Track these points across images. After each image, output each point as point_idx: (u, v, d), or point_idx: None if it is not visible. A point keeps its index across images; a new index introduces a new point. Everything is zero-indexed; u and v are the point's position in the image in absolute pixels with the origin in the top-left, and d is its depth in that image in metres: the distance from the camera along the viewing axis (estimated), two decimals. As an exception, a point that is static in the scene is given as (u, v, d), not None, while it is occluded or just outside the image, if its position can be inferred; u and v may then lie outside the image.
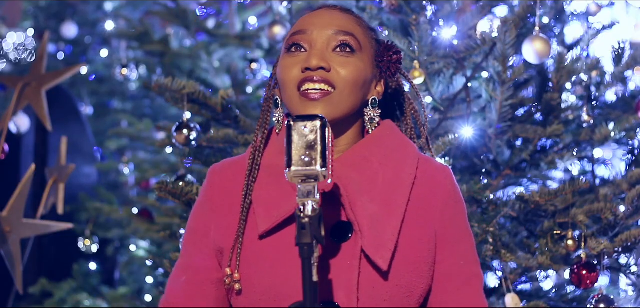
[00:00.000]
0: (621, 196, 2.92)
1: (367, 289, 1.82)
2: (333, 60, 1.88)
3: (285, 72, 1.89)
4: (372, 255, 1.82)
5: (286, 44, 1.92)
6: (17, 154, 4.81)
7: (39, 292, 4.44)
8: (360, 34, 1.92)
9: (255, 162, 1.92)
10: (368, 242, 1.82)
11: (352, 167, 1.89)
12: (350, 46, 1.89)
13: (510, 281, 2.77)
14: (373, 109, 1.93)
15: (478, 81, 2.97)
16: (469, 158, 2.99)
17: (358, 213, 1.84)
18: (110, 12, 5.75)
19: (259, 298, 1.85)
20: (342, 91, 1.86)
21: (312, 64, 1.85)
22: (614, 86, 3.19)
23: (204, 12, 4.90)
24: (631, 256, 2.83)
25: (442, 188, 1.92)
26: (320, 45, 1.88)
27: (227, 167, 1.98)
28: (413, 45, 2.85)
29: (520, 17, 2.86)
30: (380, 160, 1.90)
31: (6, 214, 2.89)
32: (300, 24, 1.93)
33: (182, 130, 2.84)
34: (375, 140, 1.92)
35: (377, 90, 1.96)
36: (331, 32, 1.89)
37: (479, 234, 2.72)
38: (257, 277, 1.85)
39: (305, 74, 1.86)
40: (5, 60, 5.61)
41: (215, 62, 4.61)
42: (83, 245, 4.18)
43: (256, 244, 1.87)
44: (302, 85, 1.86)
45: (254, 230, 1.88)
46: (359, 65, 1.89)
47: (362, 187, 1.87)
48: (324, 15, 1.93)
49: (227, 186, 1.94)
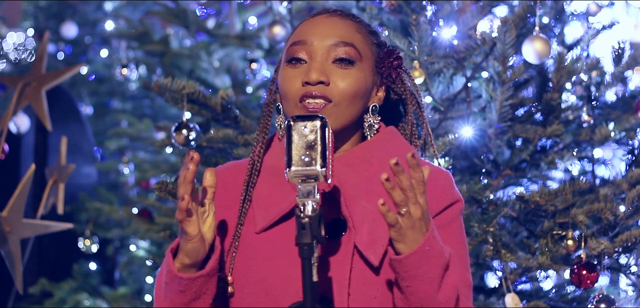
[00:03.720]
0: (621, 196, 2.92)
1: (358, 285, 1.83)
2: (332, 72, 1.88)
3: (286, 84, 1.90)
4: (364, 251, 1.83)
5: (286, 54, 1.93)
6: (17, 154, 4.80)
7: (39, 292, 4.44)
8: (361, 42, 1.92)
9: (254, 165, 1.93)
10: (361, 238, 1.84)
11: (350, 166, 1.90)
12: (350, 57, 1.89)
13: (510, 281, 2.77)
14: (373, 115, 1.94)
15: (478, 81, 2.97)
16: (469, 158, 2.99)
17: (353, 210, 1.85)
18: (110, 12, 5.75)
19: (253, 290, 1.86)
20: (339, 104, 1.87)
21: (311, 78, 1.86)
22: (614, 86, 3.19)
23: (204, 12, 4.89)
24: (631, 256, 2.83)
25: (440, 192, 1.92)
26: (320, 57, 1.89)
27: (231, 167, 2.00)
28: (413, 45, 2.85)
29: (520, 17, 2.86)
30: (379, 162, 1.90)
31: (6, 214, 2.89)
32: (300, 33, 1.93)
33: (181, 131, 2.84)
34: (376, 144, 1.93)
35: (378, 96, 1.96)
36: (331, 42, 1.89)
37: (479, 234, 2.72)
38: (251, 270, 1.87)
39: (305, 89, 1.87)
40: (5, 60, 5.61)
41: (215, 62, 4.61)
42: (83, 245, 4.17)
43: (252, 240, 1.88)
44: (302, 100, 1.87)
45: (251, 228, 1.89)
46: (358, 76, 1.89)
47: (360, 186, 1.87)
48: (324, 24, 1.93)
49: (228, 184, 1.95)
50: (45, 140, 4.77)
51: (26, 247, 3.16)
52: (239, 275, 1.89)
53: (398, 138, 1.97)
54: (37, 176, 3.35)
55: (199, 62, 4.59)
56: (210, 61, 4.57)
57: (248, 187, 1.92)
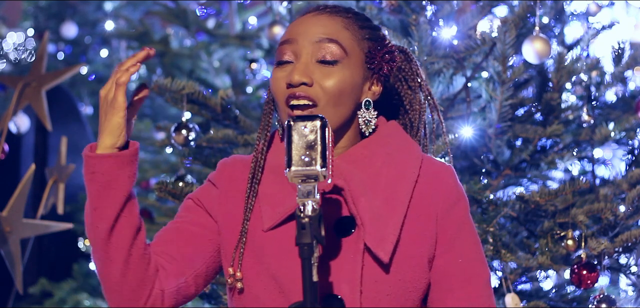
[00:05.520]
0: (621, 196, 2.91)
1: (369, 283, 1.83)
2: (316, 72, 1.87)
3: (274, 85, 1.91)
4: (374, 248, 1.83)
5: (276, 54, 1.94)
6: (17, 154, 4.81)
7: (39, 292, 4.44)
8: (347, 38, 1.90)
9: (258, 162, 1.93)
10: (370, 236, 1.83)
11: (354, 163, 1.89)
12: (333, 55, 1.88)
13: (510, 281, 2.77)
14: (367, 110, 1.93)
15: (478, 81, 2.97)
16: (469, 158, 2.99)
17: (360, 208, 1.85)
18: (110, 12, 5.75)
19: (264, 287, 1.85)
20: (325, 105, 1.87)
21: (293, 80, 1.86)
22: (614, 86, 3.19)
23: (204, 12, 4.90)
24: (631, 256, 2.83)
25: (445, 187, 1.92)
26: (305, 57, 1.88)
27: (237, 160, 1.99)
28: (413, 45, 2.85)
29: (520, 17, 2.86)
30: (383, 158, 1.90)
31: (6, 214, 2.89)
32: (289, 32, 1.93)
33: (181, 131, 2.84)
34: (378, 140, 1.93)
35: (372, 91, 1.94)
36: (315, 39, 1.89)
37: (479, 234, 2.72)
38: (261, 267, 1.86)
39: (289, 91, 1.87)
40: (5, 60, 5.61)
41: (215, 62, 4.61)
42: (83, 245, 4.17)
43: (260, 238, 1.87)
44: (288, 101, 1.87)
45: (259, 225, 1.88)
46: (343, 74, 1.88)
47: (365, 183, 1.87)
48: (310, 21, 1.92)
49: (234, 176, 1.95)
50: (45, 140, 4.78)
51: (26, 247, 3.16)
52: (248, 271, 1.88)
53: (399, 132, 1.96)
54: (37, 176, 3.35)
55: (199, 62, 4.60)
56: (210, 61, 4.58)
57: (252, 184, 1.91)
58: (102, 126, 1.80)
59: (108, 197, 1.79)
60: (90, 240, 1.83)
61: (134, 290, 1.84)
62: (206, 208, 1.94)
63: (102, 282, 1.86)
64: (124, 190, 1.80)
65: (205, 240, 1.92)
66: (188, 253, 1.91)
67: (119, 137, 1.80)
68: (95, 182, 1.79)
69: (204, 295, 2.92)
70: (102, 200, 1.79)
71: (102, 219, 1.80)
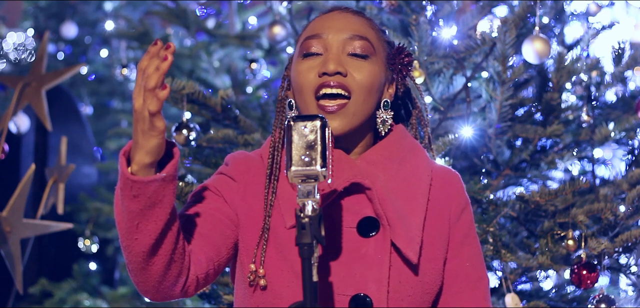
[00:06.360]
0: (621, 196, 2.92)
1: (396, 283, 1.85)
2: (349, 64, 1.89)
3: (301, 76, 1.90)
4: (403, 249, 1.84)
5: (300, 48, 1.92)
6: (17, 154, 4.81)
7: (39, 292, 4.44)
8: (374, 38, 1.93)
9: (275, 160, 1.92)
10: (399, 236, 1.84)
11: (375, 165, 1.91)
12: (365, 50, 1.90)
13: (510, 281, 2.77)
14: (385, 110, 1.94)
15: (478, 81, 2.98)
16: (469, 158, 2.99)
17: (386, 208, 1.86)
18: (110, 12, 5.75)
19: (287, 286, 1.85)
20: (357, 97, 1.88)
21: (329, 68, 1.86)
22: (614, 86, 3.19)
23: (204, 12, 4.89)
24: (631, 256, 2.83)
25: (457, 192, 1.96)
26: (336, 50, 1.89)
27: (248, 157, 1.97)
28: (413, 45, 2.85)
29: (520, 17, 2.86)
30: (399, 161, 1.92)
31: (6, 214, 2.89)
32: (315, 28, 1.93)
33: (181, 131, 2.84)
34: (392, 143, 1.94)
35: (389, 93, 1.97)
36: (346, 35, 1.90)
37: (479, 234, 2.72)
38: (285, 265, 1.85)
39: (323, 79, 1.87)
40: (5, 60, 5.61)
41: (215, 62, 4.61)
42: (83, 245, 4.18)
43: (283, 235, 1.87)
44: (319, 90, 1.87)
45: (280, 222, 1.87)
46: (373, 69, 1.90)
47: (388, 184, 1.89)
48: (338, 18, 1.94)
49: (251, 171, 1.94)
50: (45, 140, 4.78)
51: (26, 247, 3.16)
52: (271, 268, 1.87)
53: (408, 136, 1.99)
54: (37, 176, 3.35)
55: (199, 62, 4.59)
56: (210, 61, 4.57)
57: (271, 180, 1.90)
58: (139, 143, 1.70)
59: (152, 216, 1.71)
60: (127, 249, 1.74)
61: (172, 284, 1.79)
62: (226, 199, 1.91)
63: (138, 284, 1.79)
64: (169, 207, 1.72)
65: (229, 231, 1.90)
66: (216, 240, 1.87)
67: (159, 155, 1.71)
68: (137, 203, 1.70)
69: (204, 295, 2.91)
70: (145, 218, 1.71)
71: (145, 235, 1.72)
